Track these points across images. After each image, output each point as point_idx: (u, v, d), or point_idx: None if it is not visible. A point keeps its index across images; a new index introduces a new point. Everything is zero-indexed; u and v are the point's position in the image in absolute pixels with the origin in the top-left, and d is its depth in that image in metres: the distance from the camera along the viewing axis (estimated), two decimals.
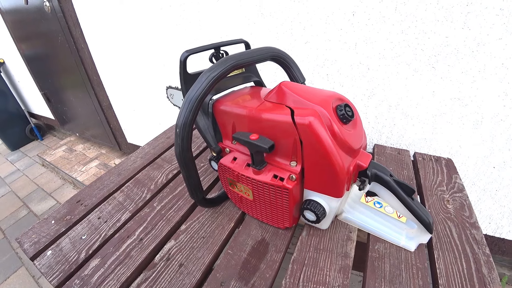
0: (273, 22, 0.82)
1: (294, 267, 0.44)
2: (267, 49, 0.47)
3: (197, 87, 0.40)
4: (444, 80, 0.70)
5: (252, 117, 0.43)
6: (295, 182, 0.41)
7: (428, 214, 0.44)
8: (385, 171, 0.42)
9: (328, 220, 0.47)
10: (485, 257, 0.48)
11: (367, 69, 0.76)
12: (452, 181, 0.66)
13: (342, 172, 0.38)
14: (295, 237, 0.52)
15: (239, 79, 0.57)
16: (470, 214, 0.57)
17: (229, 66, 0.41)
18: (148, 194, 0.63)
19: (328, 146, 0.37)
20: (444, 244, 0.50)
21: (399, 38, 0.69)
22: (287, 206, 0.44)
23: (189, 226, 0.54)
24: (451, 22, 0.63)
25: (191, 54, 0.50)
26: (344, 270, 0.44)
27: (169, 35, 1.07)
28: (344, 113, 0.38)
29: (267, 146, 0.38)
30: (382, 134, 0.85)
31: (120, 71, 1.38)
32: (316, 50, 0.80)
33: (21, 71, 2.10)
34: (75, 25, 1.36)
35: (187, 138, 0.41)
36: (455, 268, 0.46)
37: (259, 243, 0.49)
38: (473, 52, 0.65)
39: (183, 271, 0.45)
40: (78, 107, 1.85)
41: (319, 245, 0.48)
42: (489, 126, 0.72)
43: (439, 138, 0.79)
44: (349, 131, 0.39)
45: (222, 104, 0.50)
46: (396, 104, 0.78)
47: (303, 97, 0.40)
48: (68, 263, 0.48)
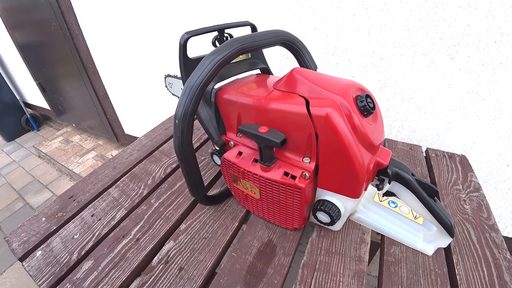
0: (280, 5, 0.77)
1: (304, 272, 0.41)
2: (277, 32, 0.43)
3: (199, 72, 0.35)
4: (463, 72, 0.66)
5: (261, 108, 0.39)
6: (308, 180, 0.37)
7: (450, 216, 0.40)
8: (407, 169, 0.39)
9: (342, 222, 0.43)
10: (506, 262, 0.45)
11: (380, 59, 0.71)
12: (468, 180, 0.63)
13: (361, 170, 0.34)
14: (304, 238, 0.48)
15: (245, 65, 0.52)
16: (488, 215, 0.53)
17: (235, 50, 0.36)
18: (145, 190, 0.59)
19: (347, 141, 0.32)
20: (463, 248, 0.47)
21: (417, 26, 0.64)
22: (298, 207, 0.39)
23: (189, 225, 0.50)
24: (475, 9, 0.58)
25: (192, 36, 0.46)
26: (359, 275, 0.40)
27: (168, 20, 1.01)
28: (366, 105, 0.34)
29: (279, 141, 0.34)
30: (393, 128, 0.80)
31: (117, 59, 1.32)
32: (326, 37, 0.75)
33: (15, 60, 2.03)
34: (68, 10, 1.30)
35: (187, 131, 0.37)
36: (475, 275, 0.43)
37: (265, 245, 0.45)
38: (496, 42, 0.60)
39: (183, 276, 0.41)
40: (74, 97, 1.80)
41: (330, 248, 0.44)
42: (507, 122, 0.68)
43: (453, 133, 0.75)
44: (370, 124, 0.35)
45: (226, 92, 0.46)
46: (409, 96, 0.73)
47: (319, 85, 0.35)
48: (59, 265, 0.44)
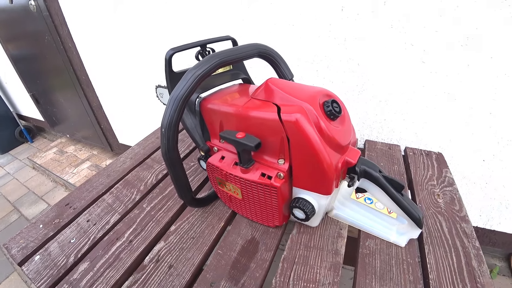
0: (261, 18, 0.81)
1: (284, 265, 0.44)
2: (254, 45, 0.47)
3: (181, 85, 0.39)
4: (434, 75, 0.70)
5: (239, 115, 0.42)
6: (283, 180, 0.40)
7: (418, 209, 0.44)
8: (374, 167, 0.42)
9: (318, 218, 0.46)
10: (475, 250, 0.48)
11: (357, 65, 0.76)
12: (443, 175, 0.66)
13: (330, 169, 0.38)
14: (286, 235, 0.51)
15: (227, 76, 0.56)
16: (460, 207, 0.57)
17: (215, 64, 0.40)
18: (138, 195, 0.62)
19: (315, 143, 0.36)
20: (434, 239, 0.50)
21: (389, 33, 0.68)
22: (276, 205, 0.43)
23: (178, 226, 0.53)
24: (440, 16, 0.63)
25: (176, 52, 0.49)
26: (335, 267, 0.44)
27: (157, 33, 1.05)
28: (332, 109, 0.38)
29: (253, 144, 0.38)
30: (373, 129, 0.85)
31: (109, 71, 1.35)
32: (305, 45, 0.79)
33: (8, 72, 2.05)
34: (62, 24, 1.33)
35: (172, 138, 0.40)
36: (445, 262, 0.46)
37: (249, 242, 0.48)
38: (462, 46, 0.65)
39: (173, 273, 0.44)
40: (68, 108, 1.82)
41: (309, 243, 0.47)
42: (479, 120, 0.73)
43: (430, 132, 0.80)
44: (336, 127, 0.39)
45: (209, 102, 0.49)
46: (386, 99, 0.78)
47: (290, 93, 0.39)
48: (56, 267, 0.47)
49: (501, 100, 0.68)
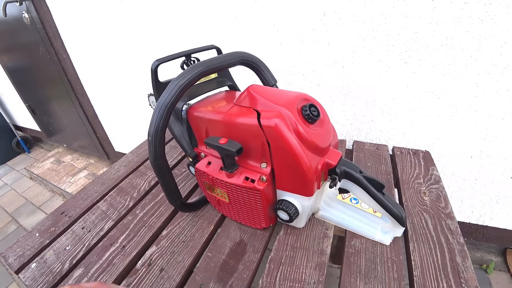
0: (247, 25, 0.83)
1: (271, 266, 0.45)
2: (236, 54, 0.48)
3: (166, 95, 0.40)
4: (417, 75, 0.72)
5: (222, 122, 0.44)
6: (266, 183, 0.42)
7: (399, 207, 0.45)
8: (355, 167, 0.44)
9: (303, 219, 0.48)
10: (459, 246, 0.49)
11: (342, 67, 0.77)
12: (429, 173, 0.68)
13: (310, 172, 0.39)
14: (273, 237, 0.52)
15: (213, 84, 0.58)
16: (446, 204, 0.58)
17: (197, 73, 0.41)
18: (131, 202, 0.64)
19: (294, 147, 0.38)
20: (419, 236, 0.51)
21: (370, 36, 0.70)
22: (261, 207, 0.44)
23: (170, 231, 0.54)
24: (419, 18, 0.65)
25: (162, 63, 0.51)
26: (320, 267, 0.45)
27: (148, 43, 1.07)
28: (309, 113, 0.39)
29: (235, 150, 0.39)
30: (361, 130, 0.86)
31: (103, 81, 1.37)
32: (291, 51, 0.81)
33: (4, 84, 2.07)
34: (55, 36, 1.35)
35: (159, 145, 0.42)
36: (429, 259, 0.47)
37: (237, 245, 0.49)
38: (442, 46, 0.66)
39: (164, 276, 0.46)
40: (64, 118, 1.83)
41: (296, 244, 0.49)
42: (463, 117, 0.74)
43: (417, 131, 0.81)
44: (315, 130, 0.40)
45: (195, 110, 0.51)
46: (372, 100, 0.79)
47: (270, 99, 0.41)
48: (52, 274, 0.48)
49: (483, 97, 0.69)
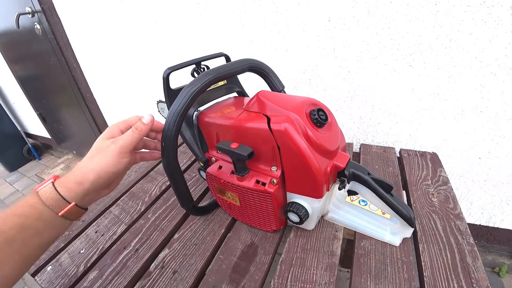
0: (254, 33, 0.85)
1: (282, 267, 0.46)
2: (245, 61, 0.50)
3: (178, 102, 0.42)
4: (422, 77, 0.73)
5: (233, 127, 0.45)
6: (276, 186, 0.43)
7: (408, 208, 0.45)
8: (363, 170, 0.44)
9: (313, 221, 0.49)
10: (469, 247, 0.49)
11: (347, 72, 0.78)
12: (437, 175, 0.68)
13: (319, 174, 0.40)
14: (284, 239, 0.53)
15: (222, 90, 0.59)
16: (455, 205, 0.58)
17: (208, 81, 0.43)
18: (143, 206, 0.65)
19: (303, 150, 0.39)
20: (429, 237, 0.51)
21: (375, 40, 0.71)
22: (272, 210, 0.45)
23: (182, 234, 0.55)
24: (422, 21, 0.66)
25: (173, 71, 0.53)
26: (331, 268, 0.46)
27: (156, 51, 1.10)
28: (318, 118, 0.41)
29: (246, 154, 0.40)
30: (368, 133, 0.87)
31: (112, 88, 1.40)
32: (297, 57, 0.82)
33: (15, 93, 2.13)
34: (66, 46, 1.39)
35: (172, 151, 0.43)
36: (439, 260, 0.47)
37: (248, 247, 0.50)
38: (446, 48, 0.67)
39: (177, 278, 0.47)
40: (74, 125, 1.87)
41: (306, 245, 0.49)
42: (470, 118, 0.75)
43: (424, 133, 0.81)
44: (323, 134, 0.41)
45: (206, 116, 0.52)
46: (378, 103, 0.80)
47: (278, 105, 0.42)
48: (67, 277, 0.50)
49: (489, 98, 0.70)
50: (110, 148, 0.37)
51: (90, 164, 0.37)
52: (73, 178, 0.36)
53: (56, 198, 0.34)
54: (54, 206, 0.34)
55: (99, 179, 0.37)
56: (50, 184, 0.35)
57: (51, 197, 0.34)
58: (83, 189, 0.36)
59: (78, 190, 0.35)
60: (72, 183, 0.35)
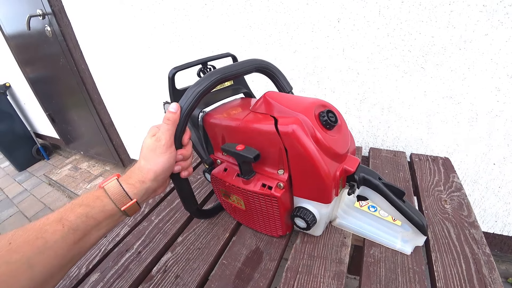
0: (261, 33, 0.84)
1: (288, 275, 0.44)
2: (252, 61, 0.49)
3: (183, 102, 0.41)
4: (434, 80, 0.70)
5: (239, 128, 0.44)
6: (283, 190, 0.42)
7: (421, 215, 0.43)
8: (374, 174, 0.43)
9: (320, 227, 0.47)
10: (485, 257, 0.47)
11: (357, 74, 0.77)
12: (450, 181, 0.66)
13: (328, 178, 0.38)
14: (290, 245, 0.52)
15: (229, 91, 0.58)
16: (469, 213, 0.56)
17: (214, 80, 0.42)
18: (147, 208, 0.64)
19: (312, 153, 0.37)
20: (442, 246, 0.49)
21: (386, 41, 0.70)
22: (278, 214, 0.44)
23: (185, 238, 0.54)
24: (436, 22, 0.64)
25: (179, 71, 0.52)
26: (339, 276, 0.44)
27: (163, 52, 1.10)
28: (327, 119, 0.39)
29: (252, 156, 0.39)
30: (378, 137, 0.85)
31: (120, 89, 1.41)
32: (305, 58, 0.81)
33: (26, 94, 2.17)
34: (75, 47, 1.41)
35: None
36: (453, 270, 0.45)
37: (253, 252, 0.49)
38: (461, 50, 0.65)
39: (179, 283, 0.45)
40: (82, 126, 1.89)
41: (313, 252, 0.48)
42: (485, 123, 0.72)
43: (435, 137, 0.79)
44: (333, 136, 0.40)
45: (211, 117, 0.51)
46: (388, 106, 0.78)
47: (286, 106, 0.40)
48: (69, 278, 0.49)
49: (505, 101, 0.67)
50: (159, 146, 0.39)
51: (147, 165, 0.39)
52: (136, 177, 0.38)
53: (121, 193, 0.36)
54: (118, 200, 0.36)
55: (158, 176, 0.39)
56: (115, 180, 0.37)
57: (117, 192, 0.36)
58: (145, 188, 0.38)
59: (141, 187, 0.38)
60: (136, 181, 0.38)
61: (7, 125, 2.14)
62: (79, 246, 0.33)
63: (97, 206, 0.35)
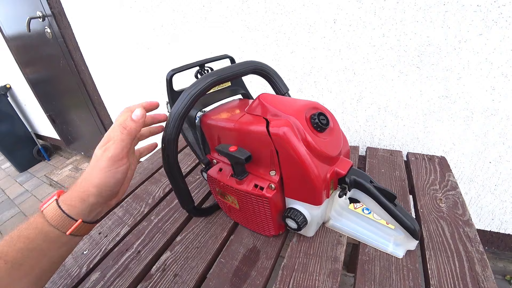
0: (259, 35, 0.85)
1: (284, 272, 0.45)
2: (248, 63, 0.49)
3: (179, 104, 0.42)
4: (430, 79, 0.71)
5: (233, 130, 0.45)
6: (274, 191, 0.42)
7: (412, 219, 0.43)
8: (365, 177, 0.42)
9: (312, 228, 0.47)
10: (478, 254, 0.48)
11: (353, 74, 0.77)
12: (445, 180, 0.66)
13: (318, 181, 0.39)
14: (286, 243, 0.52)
15: (226, 92, 0.59)
16: (464, 211, 0.56)
17: (209, 82, 0.43)
18: (146, 208, 0.65)
19: (302, 155, 0.38)
20: (436, 244, 0.50)
21: (381, 41, 0.70)
22: (270, 214, 0.45)
23: (184, 237, 0.55)
24: (430, 22, 0.64)
25: (177, 73, 0.53)
26: (334, 274, 0.44)
27: (162, 54, 1.11)
28: (318, 122, 0.39)
29: (244, 157, 0.40)
30: (374, 136, 0.85)
31: (120, 90, 1.42)
32: (302, 58, 0.82)
33: (26, 95, 2.18)
34: (75, 49, 1.42)
35: (172, 152, 0.43)
36: (447, 268, 0.46)
37: (250, 251, 0.50)
38: (455, 49, 0.66)
39: (178, 281, 0.46)
40: (82, 127, 1.91)
41: (309, 250, 0.49)
42: (480, 122, 0.73)
43: (432, 136, 0.80)
44: (324, 139, 0.40)
45: (208, 118, 0.52)
46: (385, 106, 0.79)
47: (279, 108, 0.41)
48: (70, 277, 0.50)
49: (500, 100, 0.68)
50: (103, 159, 0.35)
51: (90, 178, 0.35)
52: (76, 195, 0.34)
53: (62, 217, 0.32)
54: (60, 225, 0.32)
55: (102, 192, 0.35)
56: (54, 203, 0.33)
57: (56, 216, 0.32)
58: (88, 205, 0.34)
59: (82, 206, 0.34)
60: (76, 200, 0.34)
61: (7, 126, 2.16)
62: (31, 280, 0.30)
63: (39, 237, 0.31)
